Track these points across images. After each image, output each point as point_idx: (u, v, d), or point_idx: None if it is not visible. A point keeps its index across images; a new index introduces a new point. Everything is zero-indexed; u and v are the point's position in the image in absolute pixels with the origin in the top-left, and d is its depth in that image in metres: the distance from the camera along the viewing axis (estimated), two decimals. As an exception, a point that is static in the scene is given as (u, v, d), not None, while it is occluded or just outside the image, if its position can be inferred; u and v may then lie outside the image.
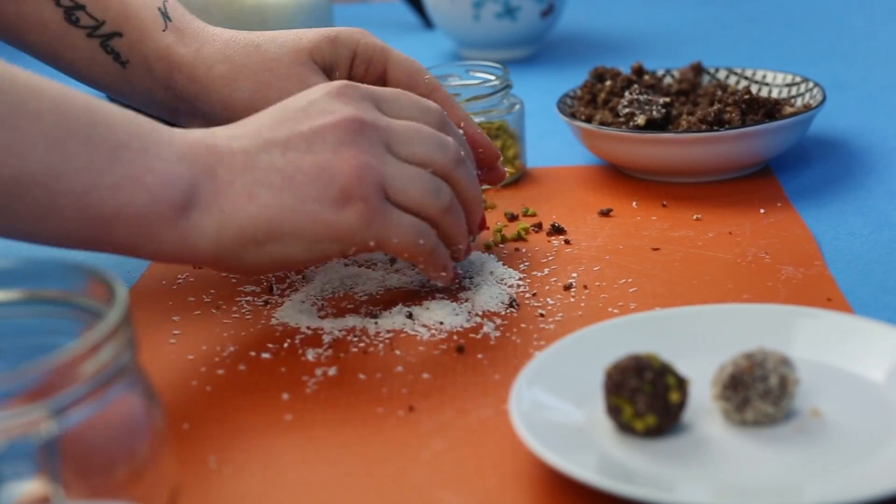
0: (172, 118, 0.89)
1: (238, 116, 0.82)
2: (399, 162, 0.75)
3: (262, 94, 0.85)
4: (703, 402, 0.64)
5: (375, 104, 0.77)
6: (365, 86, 0.77)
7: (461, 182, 0.78)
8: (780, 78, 1.08)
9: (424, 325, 0.78)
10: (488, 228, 0.88)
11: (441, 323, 0.78)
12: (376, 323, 0.78)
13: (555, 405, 0.65)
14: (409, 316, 0.79)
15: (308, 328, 0.78)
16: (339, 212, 0.72)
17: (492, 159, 0.88)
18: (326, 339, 0.77)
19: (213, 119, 0.86)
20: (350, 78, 0.88)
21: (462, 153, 0.78)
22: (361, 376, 0.73)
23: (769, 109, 0.98)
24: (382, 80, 0.88)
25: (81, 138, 0.67)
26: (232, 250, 0.72)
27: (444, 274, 0.78)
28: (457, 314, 0.79)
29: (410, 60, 0.88)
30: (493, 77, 1.03)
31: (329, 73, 0.88)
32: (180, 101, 0.88)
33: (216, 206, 0.71)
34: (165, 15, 0.88)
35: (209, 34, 0.89)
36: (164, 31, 0.88)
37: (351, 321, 0.79)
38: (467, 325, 0.78)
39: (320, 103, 0.75)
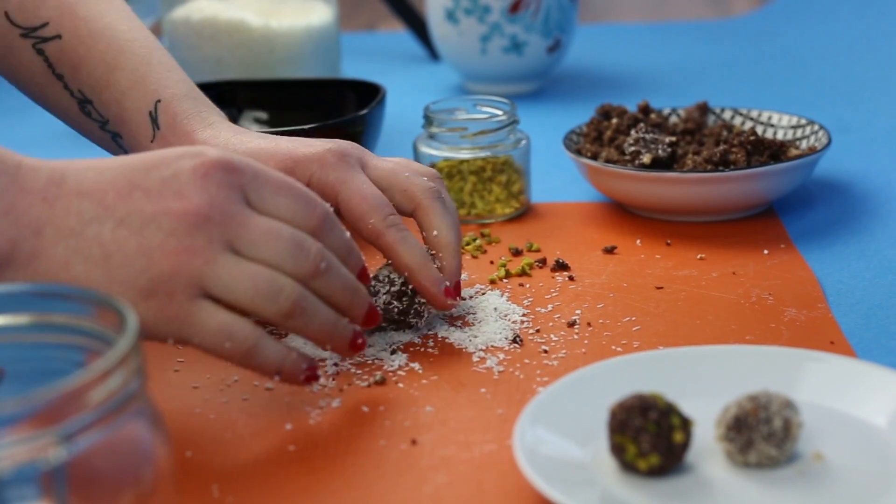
0: None
1: None
2: (236, 260, 0.69)
3: None
4: (706, 442, 0.64)
5: (245, 194, 0.70)
6: (245, 168, 0.70)
7: (322, 292, 0.71)
8: (785, 120, 1.08)
9: (428, 361, 0.78)
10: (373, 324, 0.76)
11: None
12: (380, 356, 0.79)
13: (558, 442, 0.65)
14: (411, 351, 0.79)
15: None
16: (141, 302, 0.67)
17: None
18: (330, 370, 0.77)
19: None
20: None
21: (323, 265, 0.70)
22: (364, 408, 0.73)
23: (774, 151, 0.99)
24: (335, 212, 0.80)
25: None
26: None
27: (276, 377, 0.71)
28: (461, 347, 0.79)
29: (361, 199, 0.80)
30: (500, 112, 1.03)
31: None
32: None
33: (31, 268, 0.67)
34: (155, 121, 0.87)
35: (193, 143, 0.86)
36: (151, 142, 0.87)
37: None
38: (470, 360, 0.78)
39: (180, 181, 0.69)
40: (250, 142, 0.85)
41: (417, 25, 1.62)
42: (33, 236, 0.67)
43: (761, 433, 0.62)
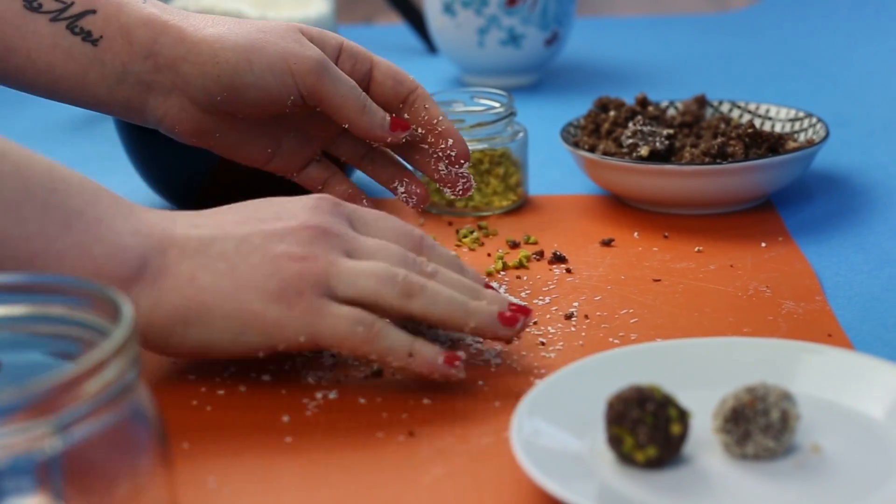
0: (142, 103, 0.86)
1: (221, 80, 0.83)
2: (354, 261, 0.72)
3: (255, 55, 0.83)
4: (703, 434, 0.64)
5: (350, 221, 0.76)
6: (345, 203, 0.76)
7: (429, 298, 0.72)
8: (783, 112, 1.08)
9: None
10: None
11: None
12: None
13: (555, 434, 0.65)
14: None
15: (309, 351, 0.78)
16: (271, 304, 0.70)
17: (461, 155, 0.89)
18: (327, 362, 0.77)
19: (192, 89, 0.84)
20: None
21: (430, 268, 0.74)
22: (362, 400, 0.73)
23: (772, 144, 0.98)
24: (368, 79, 0.88)
25: (38, 204, 0.67)
26: (161, 329, 0.71)
27: (411, 359, 0.71)
28: (458, 339, 0.79)
29: (394, 65, 0.89)
30: (497, 104, 1.03)
31: None
32: (160, 70, 0.84)
33: (157, 284, 0.70)
34: None
35: (192, 11, 0.87)
36: (144, 2, 0.86)
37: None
38: (468, 352, 0.78)
39: (292, 210, 0.74)
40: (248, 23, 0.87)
41: (415, 18, 1.62)
42: (159, 255, 0.71)
43: (759, 425, 0.62)
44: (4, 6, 0.83)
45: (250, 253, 0.71)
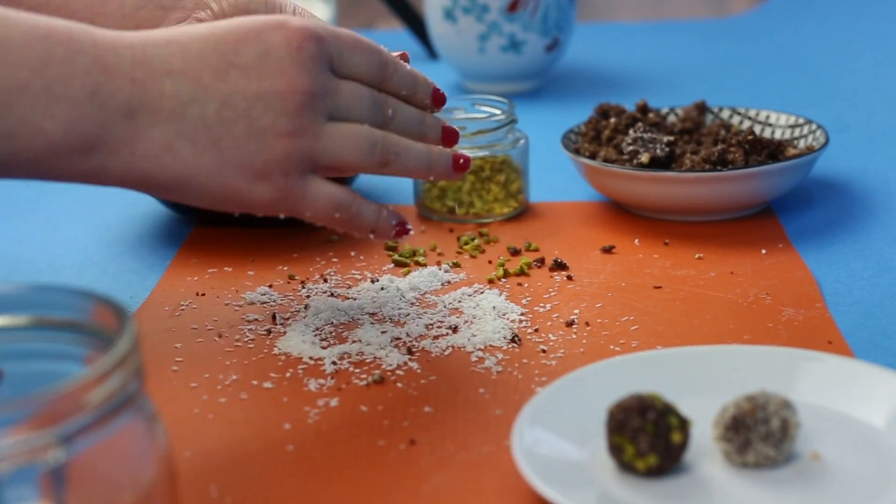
0: (154, 28, 0.81)
1: None
2: (334, 127, 0.71)
3: None
4: (704, 443, 0.65)
5: (331, 61, 0.71)
6: (326, 35, 0.71)
7: (398, 132, 0.75)
8: (783, 119, 1.08)
9: (427, 360, 0.78)
10: (462, 167, 0.79)
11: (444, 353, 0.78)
12: (378, 355, 0.79)
13: (556, 442, 0.65)
14: (410, 351, 0.79)
15: (310, 358, 0.79)
16: (255, 184, 0.69)
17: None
18: (328, 369, 0.77)
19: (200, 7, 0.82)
20: None
21: (390, 112, 0.74)
22: (363, 408, 0.73)
23: (772, 150, 0.99)
24: None
25: None
26: (134, 188, 0.69)
27: (371, 235, 0.75)
28: (459, 347, 0.79)
29: None
30: (498, 111, 1.04)
31: None
32: None
33: (127, 150, 0.66)
34: None
35: None
36: None
37: (354, 353, 0.79)
38: (469, 360, 0.78)
39: (276, 57, 0.69)
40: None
41: (416, 24, 1.62)
42: (126, 119, 0.66)
43: (759, 433, 0.63)
44: None
45: (234, 122, 0.68)
